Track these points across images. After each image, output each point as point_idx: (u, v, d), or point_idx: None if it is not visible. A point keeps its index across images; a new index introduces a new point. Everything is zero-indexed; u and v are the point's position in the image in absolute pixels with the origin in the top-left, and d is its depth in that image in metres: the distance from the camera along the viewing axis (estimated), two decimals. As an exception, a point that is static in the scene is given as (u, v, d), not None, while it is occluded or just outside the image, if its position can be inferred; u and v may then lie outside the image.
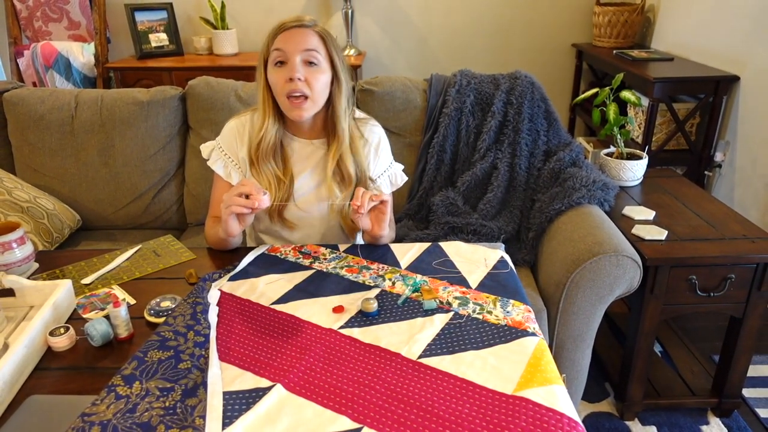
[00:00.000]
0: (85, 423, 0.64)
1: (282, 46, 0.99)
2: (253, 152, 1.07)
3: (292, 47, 0.99)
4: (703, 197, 1.50)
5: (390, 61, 2.86)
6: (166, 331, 0.80)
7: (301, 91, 1.00)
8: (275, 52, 1.00)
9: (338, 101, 1.05)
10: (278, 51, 1.00)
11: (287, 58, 1.00)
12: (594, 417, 1.41)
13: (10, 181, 1.46)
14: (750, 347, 1.32)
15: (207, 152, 1.14)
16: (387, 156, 1.16)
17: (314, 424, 0.65)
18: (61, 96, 1.56)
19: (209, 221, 1.13)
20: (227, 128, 1.13)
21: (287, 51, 0.99)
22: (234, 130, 1.12)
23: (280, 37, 1.00)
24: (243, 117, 1.12)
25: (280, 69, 1.00)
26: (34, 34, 2.56)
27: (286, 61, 1.00)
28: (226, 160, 1.11)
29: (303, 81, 0.99)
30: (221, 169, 1.11)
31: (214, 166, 1.12)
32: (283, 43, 0.99)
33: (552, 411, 0.65)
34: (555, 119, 1.51)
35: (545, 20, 2.77)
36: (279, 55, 1.00)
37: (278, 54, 1.00)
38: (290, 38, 0.99)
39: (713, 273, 1.24)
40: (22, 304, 0.90)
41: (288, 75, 0.99)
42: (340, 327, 0.82)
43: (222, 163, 1.11)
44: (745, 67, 1.94)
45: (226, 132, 1.12)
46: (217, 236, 1.04)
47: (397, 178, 1.17)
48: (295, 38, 0.99)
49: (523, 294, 0.91)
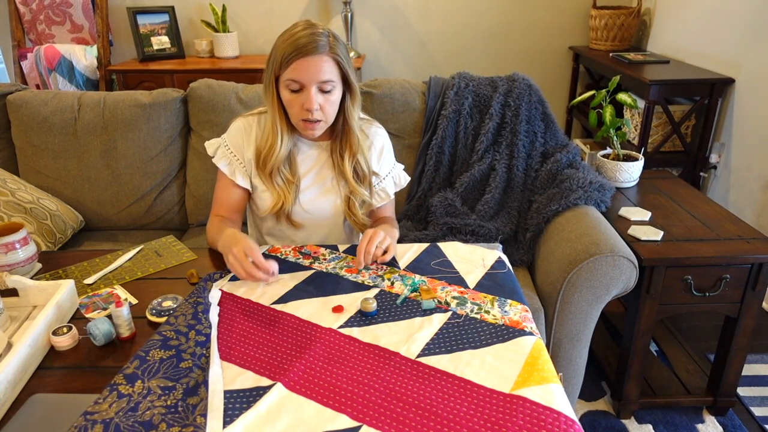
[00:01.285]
0: (88, 421, 0.65)
1: (297, 77, 0.98)
2: (265, 163, 1.07)
3: (308, 79, 0.98)
4: (698, 198, 1.52)
5: (389, 63, 2.87)
6: (167, 331, 0.81)
7: (316, 118, 1.02)
8: (290, 82, 0.99)
9: (351, 110, 1.07)
10: (294, 82, 0.99)
11: (303, 87, 0.99)
12: (591, 415, 1.42)
13: (14, 182, 1.47)
14: (745, 346, 1.33)
15: (212, 149, 1.14)
16: (390, 159, 1.19)
17: (314, 422, 0.66)
18: (64, 98, 1.57)
19: (213, 220, 1.12)
20: (234, 127, 1.13)
21: (303, 82, 0.98)
22: (241, 129, 1.12)
23: (296, 65, 0.97)
24: (250, 117, 1.13)
25: (296, 95, 1.00)
26: (37, 36, 2.57)
27: (302, 89, 1.00)
28: (231, 158, 1.11)
29: (318, 109, 1.01)
30: (226, 167, 1.11)
31: (219, 164, 1.12)
32: (299, 74, 0.97)
33: (549, 409, 0.66)
34: (552, 121, 1.52)
35: (543, 23, 2.79)
36: (295, 84, 0.99)
37: (293, 83, 0.99)
38: (306, 69, 0.97)
39: (708, 273, 1.25)
40: (25, 303, 0.91)
41: (304, 105, 1.00)
42: (340, 326, 0.83)
43: (227, 161, 1.11)
44: (740, 70, 1.96)
45: (233, 131, 1.12)
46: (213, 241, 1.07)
47: (401, 179, 1.20)
48: (310, 70, 0.97)
49: (521, 294, 0.93)
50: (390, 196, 1.19)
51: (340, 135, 1.10)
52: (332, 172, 1.13)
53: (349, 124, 1.08)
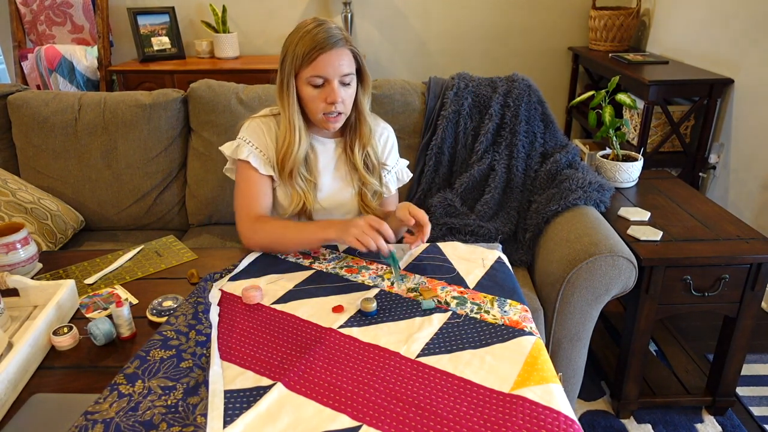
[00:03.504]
0: (88, 421, 0.65)
1: (322, 72, 0.99)
2: (284, 165, 1.07)
3: (332, 72, 0.99)
4: (697, 198, 1.52)
5: (389, 64, 2.88)
6: (168, 331, 0.81)
7: (338, 111, 1.03)
8: (313, 78, 1.00)
9: (363, 101, 1.09)
10: (317, 77, 1.00)
11: (326, 82, 1.00)
12: (590, 415, 1.43)
13: (14, 182, 1.47)
14: (744, 346, 1.33)
15: (231, 149, 1.10)
16: (395, 155, 1.22)
17: (314, 422, 0.66)
18: (64, 99, 1.57)
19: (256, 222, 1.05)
20: (253, 126, 1.10)
21: (327, 76, 0.99)
22: (261, 127, 1.10)
23: (319, 60, 0.98)
24: (266, 118, 1.12)
25: (318, 90, 1.01)
26: (38, 37, 2.58)
27: (324, 84, 1.01)
28: (257, 153, 1.08)
29: (341, 102, 1.02)
30: (255, 159, 1.07)
31: (249, 158, 1.07)
32: (323, 69, 0.99)
33: (549, 409, 0.66)
34: (551, 121, 1.53)
35: (542, 24, 2.79)
36: (318, 80, 1.00)
37: (317, 79, 1.00)
38: (329, 63, 0.98)
39: (707, 273, 1.25)
40: (26, 303, 0.91)
41: (329, 98, 1.01)
42: (340, 326, 0.84)
43: (254, 155, 1.08)
44: (739, 70, 1.96)
45: (252, 129, 1.10)
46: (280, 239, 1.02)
47: (404, 174, 1.24)
48: (333, 63, 0.99)
49: (520, 294, 0.93)
50: (392, 191, 1.21)
51: (353, 127, 1.12)
52: (346, 166, 1.15)
53: (362, 113, 1.10)
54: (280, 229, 1.04)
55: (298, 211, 1.11)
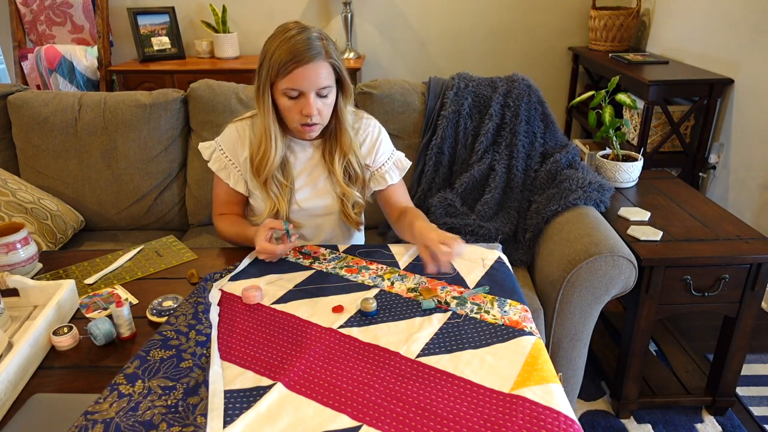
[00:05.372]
0: (88, 421, 0.65)
1: (297, 86, 0.97)
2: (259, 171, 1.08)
3: (307, 86, 0.97)
4: (697, 198, 1.52)
5: (389, 64, 2.88)
6: (168, 331, 0.81)
7: (314, 122, 1.02)
8: (288, 90, 0.98)
9: (344, 110, 1.07)
10: (292, 90, 0.98)
11: (302, 94, 0.99)
12: (590, 415, 1.43)
13: (14, 182, 1.47)
14: (744, 346, 1.33)
15: (207, 153, 1.15)
16: (388, 146, 1.18)
17: (314, 422, 0.66)
18: (64, 99, 1.57)
19: (219, 220, 1.16)
20: (228, 133, 1.14)
21: (303, 89, 0.98)
22: (235, 134, 1.13)
23: (295, 74, 0.96)
24: (243, 122, 1.13)
25: (294, 101, 1.00)
26: (38, 37, 2.58)
27: (300, 95, 0.99)
28: (226, 162, 1.13)
29: (317, 114, 1.01)
30: (222, 171, 1.13)
31: (214, 167, 1.14)
32: (299, 82, 0.97)
33: (549, 409, 0.66)
34: (551, 121, 1.53)
35: (542, 24, 2.79)
36: (293, 92, 0.99)
37: (292, 91, 0.99)
38: (305, 77, 0.96)
39: (707, 273, 1.25)
40: (26, 303, 0.91)
41: (304, 110, 0.99)
42: (340, 326, 0.84)
43: (222, 164, 1.13)
44: (739, 70, 1.96)
45: (227, 136, 1.13)
46: (232, 236, 1.12)
47: (402, 161, 1.19)
48: (310, 77, 0.96)
49: (520, 294, 0.93)
50: (393, 180, 1.17)
51: (332, 134, 1.10)
52: (325, 171, 1.13)
53: (341, 122, 1.08)
54: (230, 225, 1.13)
55: (273, 216, 1.10)
